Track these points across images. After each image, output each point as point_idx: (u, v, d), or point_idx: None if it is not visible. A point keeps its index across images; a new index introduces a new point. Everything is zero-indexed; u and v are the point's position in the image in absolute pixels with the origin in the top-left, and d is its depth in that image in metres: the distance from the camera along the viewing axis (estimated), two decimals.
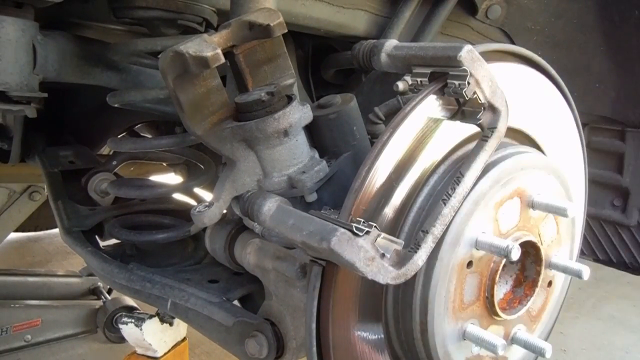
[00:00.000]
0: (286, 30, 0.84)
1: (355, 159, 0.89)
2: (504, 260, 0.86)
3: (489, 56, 0.87)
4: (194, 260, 1.37)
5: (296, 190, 0.85)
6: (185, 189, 1.61)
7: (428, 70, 0.80)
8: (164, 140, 1.17)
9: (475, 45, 0.79)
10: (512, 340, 0.94)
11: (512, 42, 1.49)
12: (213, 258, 1.13)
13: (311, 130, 0.91)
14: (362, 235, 0.65)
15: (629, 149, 1.68)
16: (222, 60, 0.76)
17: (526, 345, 0.92)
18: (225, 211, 0.89)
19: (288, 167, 0.85)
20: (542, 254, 0.94)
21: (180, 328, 1.89)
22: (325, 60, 1.42)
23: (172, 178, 2.52)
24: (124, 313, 2.35)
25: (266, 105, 0.81)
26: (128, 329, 1.80)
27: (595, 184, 1.69)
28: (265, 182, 0.86)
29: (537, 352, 0.90)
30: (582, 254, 1.83)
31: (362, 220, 0.68)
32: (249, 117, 0.81)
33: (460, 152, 0.87)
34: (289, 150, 0.84)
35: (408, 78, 0.82)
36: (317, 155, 0.90)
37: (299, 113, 0.83)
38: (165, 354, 1.83)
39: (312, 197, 0.86)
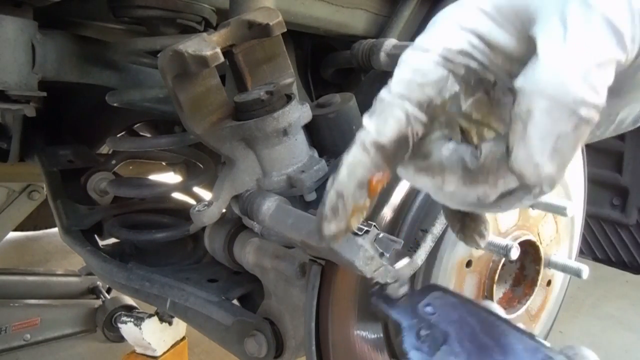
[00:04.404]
0: (285, 30, 0.84)
1: None
2: (503, 260, 0.86)
3: None
4: (193, 259, 1.36)
5: (295, 190, 0.85)
6: (185, 188, 1.60)
7: None
8: (163, 139, 1.17)
9: None
10: None
11: None
12: (212, 257, 1.13)
13: (310, 129, 0.91)
14: (362, 235, 0.65)
15: (629, 148, 1.69)
16: (221, 59, 0.76)
17: None
18: (224, 210, 0.89)
19: (287, 166, 0.85)
20: (541, 253, 0.94)
21: (179, 327, 1.89)
22: (324, 60, 1.41)
23: (171, 177, 2.51)
24: (123, 312, 2.35)
25: (265, 105, 0.80)
26: (127, 328, 1.80)
27: (594, 183, 1.69)
28: (264, 182, 0.86)
29: None
30: (581, 253, 1.83)
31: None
32: (248, 116, 0.81)
33: None
34: (288, 149, 0.84)
35: None
36: (316, 154, 0.90)
37: (298, 112, 0.83)
38: (164, 353, 1.83)
39: (311, 197, 0.86)
